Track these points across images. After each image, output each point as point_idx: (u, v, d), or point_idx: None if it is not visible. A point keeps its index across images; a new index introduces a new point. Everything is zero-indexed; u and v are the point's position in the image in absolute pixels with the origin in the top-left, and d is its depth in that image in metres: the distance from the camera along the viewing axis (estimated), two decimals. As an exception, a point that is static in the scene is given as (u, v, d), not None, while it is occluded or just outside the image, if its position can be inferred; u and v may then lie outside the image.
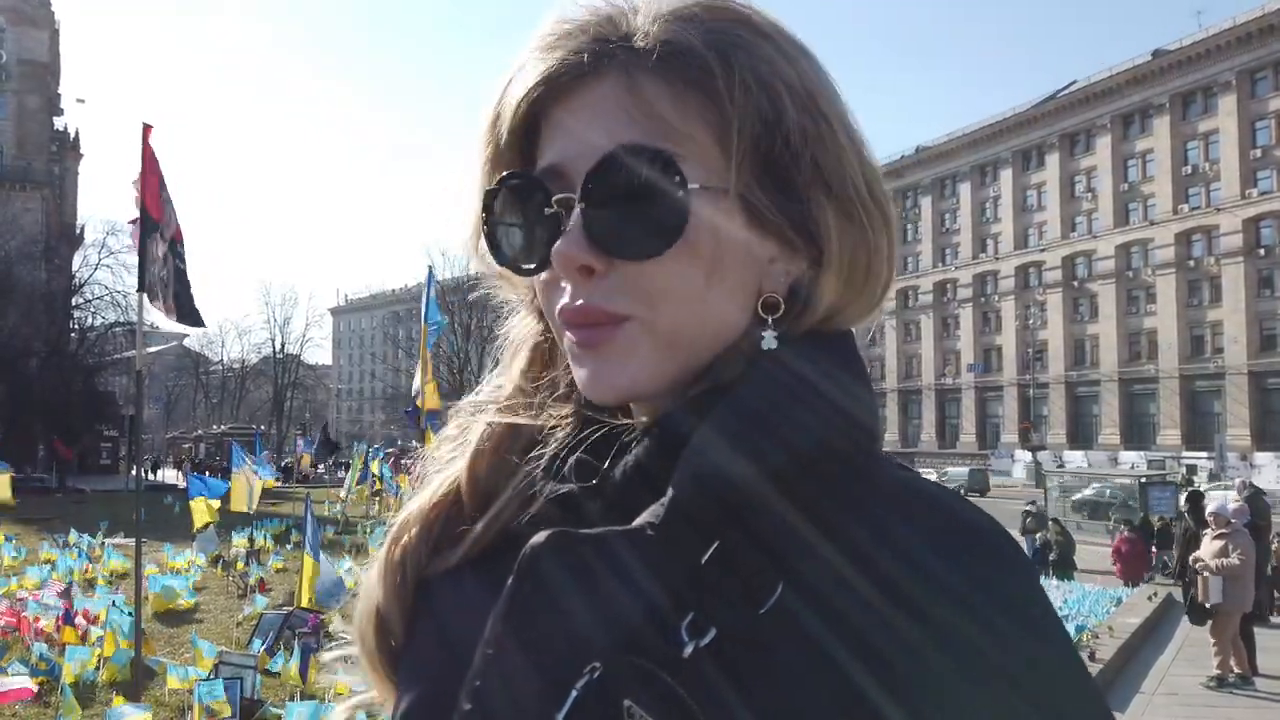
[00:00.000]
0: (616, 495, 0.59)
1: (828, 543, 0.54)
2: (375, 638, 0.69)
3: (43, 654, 7.95)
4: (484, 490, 0.68)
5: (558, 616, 0.54)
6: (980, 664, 0.52)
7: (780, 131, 0.57)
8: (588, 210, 0.58)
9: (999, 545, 0.57)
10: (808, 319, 0.61)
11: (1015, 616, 0.54)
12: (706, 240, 0.57)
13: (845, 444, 0.58)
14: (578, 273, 0.59)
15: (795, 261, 0.61)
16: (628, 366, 0.59)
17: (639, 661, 0.52)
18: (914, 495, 0.58)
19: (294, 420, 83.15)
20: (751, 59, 0.57)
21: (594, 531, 0.55)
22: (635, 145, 0.56)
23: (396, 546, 0.69)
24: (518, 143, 0.63)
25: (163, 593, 11.15)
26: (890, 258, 0.64)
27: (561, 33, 0.60)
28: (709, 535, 0.54)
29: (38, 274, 48.74)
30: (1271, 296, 53.48)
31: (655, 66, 0.57)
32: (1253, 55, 53.88)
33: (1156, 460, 50.08)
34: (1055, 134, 65.02)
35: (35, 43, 58.72)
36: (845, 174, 0.59)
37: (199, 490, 13.72)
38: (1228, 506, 9.70)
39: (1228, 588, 9.08)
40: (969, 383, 69.93)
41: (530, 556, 0.55)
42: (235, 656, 7.61)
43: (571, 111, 0.59)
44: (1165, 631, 11.33)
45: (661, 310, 0.58)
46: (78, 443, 45.31)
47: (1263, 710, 8.36)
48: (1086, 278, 63.41)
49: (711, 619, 0.53)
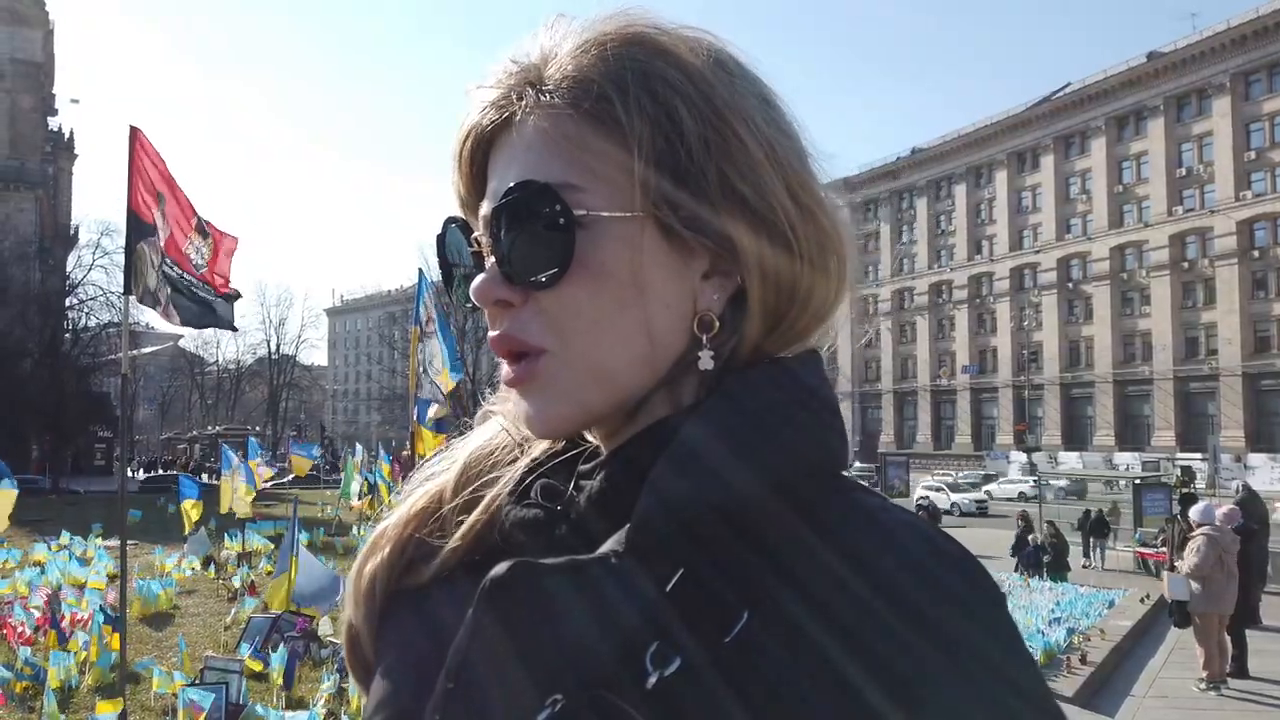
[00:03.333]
0: (581, 520, 0.59)
1: (794, 570, 0.54)
2: (349, 653, 0.70)
3: (27, 658, 7.90)
4: (463, 506, 0.68)
5: (518, 648, 0.54)
6: (952, 693, 0.51)
7: (683, 147, 0.58)
8: (495, 246, 0.60)
9: (967, 570, 0.56)
10: (749, 335, 0.61)
11: (988, 646, 0.53)
12: (614, 265, 0.58)
13: (808, 471, 0.58)
14: (495, 306, 0.61)
15: (731, 278, 0.61)
16: (554, 402, 0.60)
17: (602, 694, 0.51)
18: (880, 521, 0.57)
19: (289, 421, 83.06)
20: (647, 79, 0.58)
21: (556, 561, 0.55)
22: (525, 181, 0.58)
23: (368, 563, 0.69)
24: (472, 187, 0.66)
25: (144, 596, 11.09)
26: (835, 268, 0.63)
27: (489, 84, 0.63)
28: (673, 563, 0.54)
29: (32, 274, 48.60)
30: (1265, 298, 53.62)
31: (561, 104, 0.59)
32: (1247, 57, 53.99)
33: (1151, 461, 50.13)
34: (1050, 136, 65.12)
35: (29, 42, 58.55)
36: (761, 184, 0.59)
37: (189, 492, 13.68)
38: (1212, 511, 9.68)
39: (1201, 589, 9.06)
40: (964, 384, 70.00)
41: (490, 588, 0.55)
42: (221, 661, 7.55)
43: (499, 157, 0.63)
44: (1156, 634, 11.32)
45: (573, 340, 0.59)
46: (71, 444, 45.21)
47: (1253, 713, 8.33)
48: (1081, 279, 63.52)
49: (676, 648, 0.52)
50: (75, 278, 52.07)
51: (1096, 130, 62.19)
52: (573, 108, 0.59)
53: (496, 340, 0.62)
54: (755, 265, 0.59)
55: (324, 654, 8.89)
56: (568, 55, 0.60)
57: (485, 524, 0.65)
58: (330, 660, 8.60)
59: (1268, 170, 53.76)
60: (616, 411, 0.61)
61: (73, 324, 51.12)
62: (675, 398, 0.61)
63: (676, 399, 0.61)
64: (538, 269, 0.58)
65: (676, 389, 0.61)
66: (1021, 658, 0.54)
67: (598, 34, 0.61)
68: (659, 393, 0.61)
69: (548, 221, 0.58)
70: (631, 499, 0.56)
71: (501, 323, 0.62)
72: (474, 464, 0.69)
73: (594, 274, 0.58)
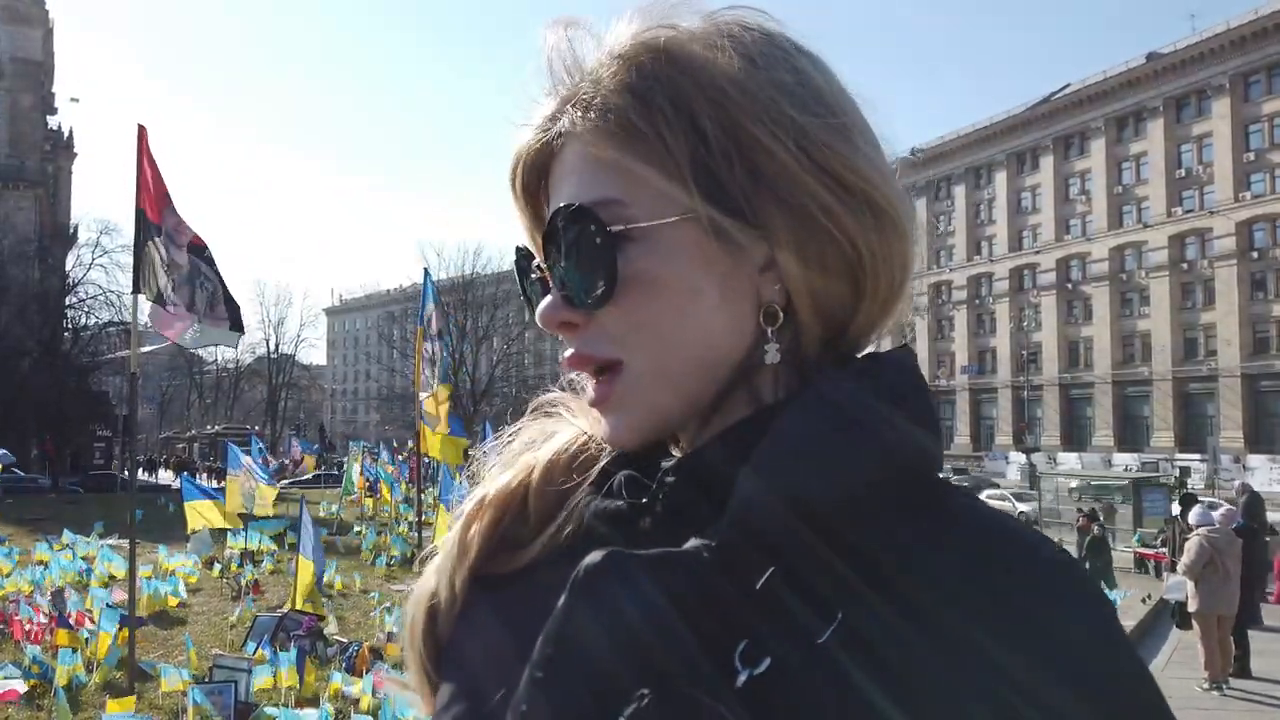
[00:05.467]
0: (664, 515, 0.59)
1: (889, 573, 0.53)
2: (424, 625, 0.69)
3: (35, 657, 7.92)
4: (552, 494, 0.67)
5: (608, 640, 0.53)
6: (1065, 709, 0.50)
7: (710, 152, 0.58)
8: (551, 272, 0.63)
9: (1071, 575, 0.55)
10: (809, 327, 0.61)
11: (1098, 655, 0.52)
12: (663, 273, 0.59)
13: (903, 470, 0.57)
14: (561, 329, 0.63)
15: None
16: (631, 414, 0.62)
17: (691, 690, 0.51)
18: (978, 525, 0.56)
19: (288, 421, 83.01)
20: (673, 89, 0.59)
21: (649, 553, 0.55)
22: (562, 206, 0.60)
23: (467, 532, 0.68)
24: (532, 217, 0.68)
25: (152, 595, 11.11)
26: (896, 244, 0.62)
27: (528, 118, 0.65)
28: (765, 561, 0.53)
29: (31, 273, 48.63)
30: (1264, 299, 53.66)
31: (594, 124, 0.60)
32: (1246, 59, 54.03)
33: (1150, 462, 50.17)
34: (1050, 137, 65.17)
35: (29, 41, 58.55)
36: (794, 177, 0.58)
37: (193, 494, 13.68)
38: (1209, 513, 9.73)
39: (1196, 590, 9.09)
40: (963, 385, 70.06)
41: (584, 576, 0.54)
42: (229, 659, 7.59)
43: (553, 185, 0.64)
44: (1159, 634, 11.37)
45: (639, 351, 0.60)
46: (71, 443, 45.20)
47: (1255, 713, 8.38)
48: (1081, 280, 63.56)
49: (766, 648, 0.52)
50: (75, 277, 52.12)
51: (1096, 131, 62.24)
52: (605, 125, 0.60)
53: (571, 361, 0.63)
54: (794, 260, 0.59)
55: (330, 652, 8.92)
56: (595, 74, 0.61)
57: (567, 519, 0.65)
58: (337, 659, 8.63)
59: (1267, 171, 53.78)
60: (694, 414, 0.62)
61: (72, 323, 51.14)
62: (755, 396, 0.61)
63: (757, 397, 0.61)
64: (590, 288, 0.60)
65: (756, 387, 0.61)
66: (1132, 661, 0.54)
67: (621, 47, 0.61)
68: (738, 392, 0.61)
69: (589, 241, 0.59)
70: (716, 495, 0.56)
71: (571, 344, 0.63)
72: (559, 459, 0.69)
73: (646, 284, 0.59)
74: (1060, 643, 0.52)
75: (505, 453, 0.73)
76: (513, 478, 0.70)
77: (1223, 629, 9.16)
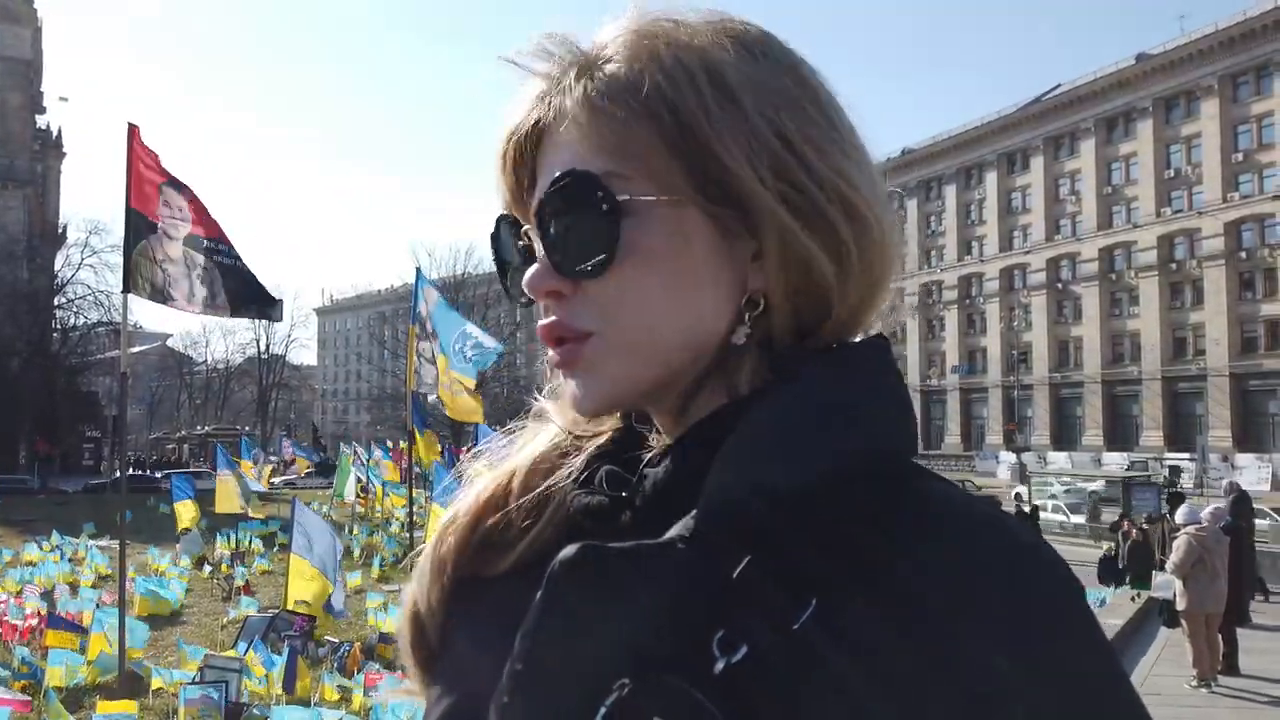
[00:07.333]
0: (646, 507, 0.60)
1: (863, 558, 0.54)
2: (412, 635, 0.70)
3: (25, 658, 7.89)
4: (534, 495, 0.68)
5: (586, 632, 0.54)
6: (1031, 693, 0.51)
7: (712, 132, 0.59)
8: (544, 238, 0.62)
9: (1044, 561, 0.56)
10: (782, 314, 0.62)
11: (1066, 641, 0.54)
12: (660, 249, 0.60)
13: (878, 457, 0.58)
14: (547, 297, 0.63)
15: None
16: (599, 380, 0.62)
17: (669, 678, 0.51)
18: (954, 511, 0.57)
19: (279, 421, 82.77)
20: (675, 73, 0.60)
21: (623, 545, 0.55)
22: (569, 171, 0.60)
23: (440, 547, 0.69)
24: (519, 185, 0.67)
25: (148, 596, 11.08)
26: (869, 255, 0.62)
27: (528, 86, 0.65)
28: (740, 550, 0.54)
29: (20, 273, 48.47)
30: (1253, 299, 53.92)
31: (598, 99, 0.60)
32: (1235, 60, 54.30)
33: (1139, 461, 50.44)
34: (1040, 137, 65.37)
35: (17, 40, 58.22)
36: (788, 174, 0.59)
37: (183, 493, 13.65)
38: (1197, 511, 9.79)
39: (1184, 588, 9.14)
40: (954, 384, 70.23)
41: (558, 571, 0.55)
42: (220, 660, 7.58)
43: (545, 154, 0.64)
44: (1148, 632, 11.42)
45: (618, 322, 0.61)
46: (61, 443, 44.99)
47: (1244, 711, 8.42)
48: (1070, 280, 63.78)
49: (743, 635, 0.52)
50: (64, 277, 51.94)
51: (1086, 132, 62.46)
52: (609, 101, 0.60)
53: (545, 328, 0.63)
54: (774, 249, 0.60)
55: (321, 653, 8.92)
56: (601, 51, 0.62)
57: (551, 517, 0.66)
58: (328, 659, 8.63)
59: (1255, 172, 54.05)
60: (663, 391, 0.63)
61: (61, 323, 50.94)
62: (731, 385, 0.62)
63: (733, 386, 0.62)
64: (586, 257, 0.60)
65: (731, 376, 0.62)
66: (1101, 650, 0.55)
67: (626, 28, 0.62)
68: (713, 380, 0.62)
69: (593, 210, 0.59)
70: (695, 486, 0.56)
71: (551, 312, 0.63)
72: (541, 460, 0.70)
73: (641, 258, 0.60)
74: (1033, 625, 0.53)
75: (493, 456, 0.74)
76: (492, 482, 0.70)
77: (1211, 627, 9.20)
